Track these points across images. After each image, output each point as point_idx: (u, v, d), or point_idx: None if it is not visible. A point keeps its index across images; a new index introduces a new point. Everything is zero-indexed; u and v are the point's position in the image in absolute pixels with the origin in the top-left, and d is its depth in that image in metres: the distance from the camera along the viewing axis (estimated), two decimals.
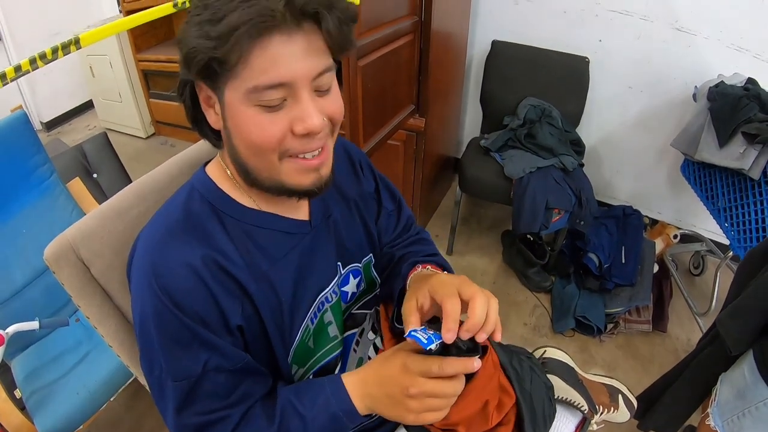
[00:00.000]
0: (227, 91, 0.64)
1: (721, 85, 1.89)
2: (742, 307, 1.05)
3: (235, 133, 0.68)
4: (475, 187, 2.28)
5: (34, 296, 1.64)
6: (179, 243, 0.69)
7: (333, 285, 0.86)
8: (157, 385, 0.70)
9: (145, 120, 3.76)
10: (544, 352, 1.19)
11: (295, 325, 0.79)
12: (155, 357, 0.68)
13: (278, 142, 0.66)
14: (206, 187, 0.76)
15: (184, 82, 0.71)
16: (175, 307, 0.66)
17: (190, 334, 0.67)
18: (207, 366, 0.68)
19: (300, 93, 0.64)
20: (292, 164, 0.69)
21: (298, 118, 0.65)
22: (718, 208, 1.88)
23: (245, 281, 0.72)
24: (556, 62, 2.35)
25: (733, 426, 1.09)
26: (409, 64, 1.96)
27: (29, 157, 1.72)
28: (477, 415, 0.88)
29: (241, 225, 0.75)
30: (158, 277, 0.66)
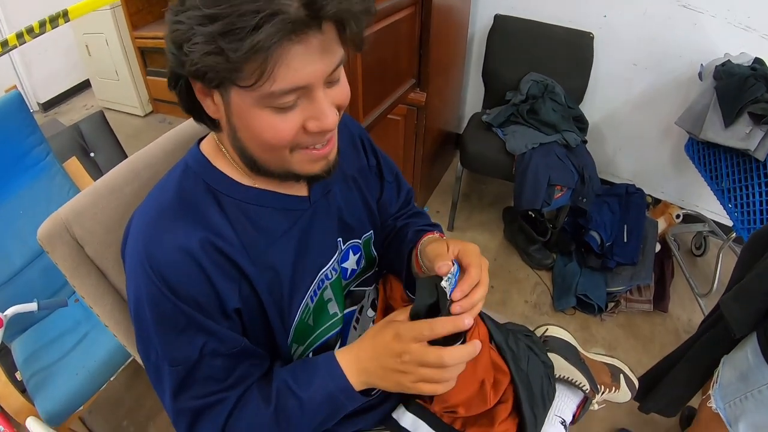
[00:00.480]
0: (235, 93, 0.61)
1: (728, 65, 1.86)
2: (746, 289, 1.04)
3: (243, 131, 0.66)
4: (477, 163, 2.26)
5: (33, 278, 1.64)
6: (173, 225, 0.67)
7: (333, 262, 0.85)
8: (153, 369, 0.69)
9: (143, 98, 3.73)
10: (546, 330, 1.18)
11: (295, 303, 0.78)
12: (151, 342, 0.68)
13: (290, 140, 0.64)
14: (201, 165, 0.74)
15: (176, 75, 0.66)
16: (170, 292, 0.64)
17: (185, 319, 0.66)
18: (203, 351, 0.67)
19: (315, 92, 0.62)
20: (303, 155, 0.68)
21: (312, 117, 0.64)
22: (722, 189, 1.86)
23: (242, 262, 0.70)
24: (559, 37, 2.31)
25: (735, 409, 1.08)
26: (410, 38, 1.92)
27: (24, 138, 1.70)
28: (475, 396, 0.88)
29: (237, 203, 0.73)
30: (152, 261, 0.65)
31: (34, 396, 1.38)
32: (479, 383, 0.88)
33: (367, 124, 1.66)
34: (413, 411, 0.90)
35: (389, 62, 1.80)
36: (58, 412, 1.35)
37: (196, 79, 0.61)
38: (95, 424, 1.75)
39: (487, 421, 0.90)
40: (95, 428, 1.74)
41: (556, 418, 1.03)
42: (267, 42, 0.53)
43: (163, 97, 3.69)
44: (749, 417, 1.05)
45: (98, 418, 1.78)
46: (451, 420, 0.91)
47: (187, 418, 0.70)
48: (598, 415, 1.71)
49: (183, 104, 0.70)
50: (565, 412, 1.05)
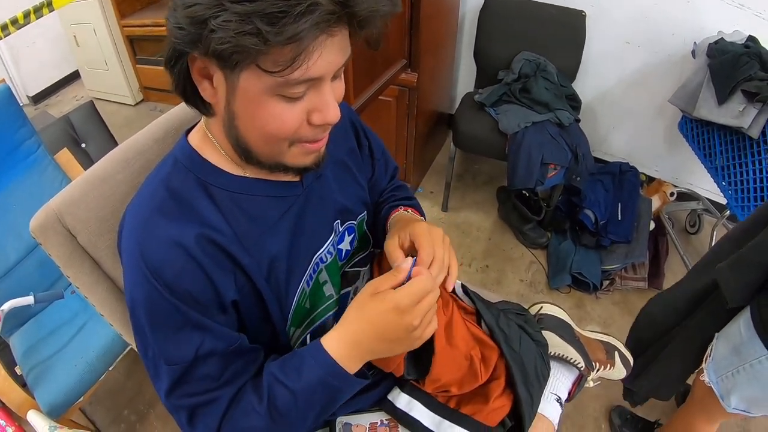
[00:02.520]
0: (245, 77, 0.59)
1: (721, 42, 1.85)
2: (743, 260, 1.04)
3: (244, 119, 0.65)
4: (470, 143, 2.26)
5: (28, 271, 1.64)
6: (166, 222, 0.67)
7: (328, 244, 0.85)
8: (152, 365, 0.69)
9: (133, 87, 3.69)
10: (541, 308, 1.19)
11: (291, 288, 0.79)
12: (147, 340, 0.68)
13: (293, 132, 0.64)
14: (190, 159, 0.73)
15: (178, 53, 0.62)
16: (166, 290, 0.64)
17: (181, 318, 0.66)
18: (199, 351, 0.67)
19: (323, 85, 0.63)
20: (299, 149, 0.69)
21: (317, 109, 0.64)
22: (716, 167, 1.87)
23: (237, 253, 0.70)
24: (551, 16, 2.29)
25: (727, 382, 1.10)
26: (400, 18, 1.90)
27: (14, 131, 1.69)
28: (466, 373, 0.89)
29: (229, 194, 0.73)
30: (147, 259, 0.64)
31: (34, 389, 1.39)
32: (467, 360, 0.89)
33: (358, 106, 1.65)
34: (408, 392, 0.92)
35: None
36: (59, 404, 1.36)
37: (215, 57, 0.57)
38: (96, 415, 1.76)
39: (482, 399, 0.91)
40: (96, 418, 1.75)
41: (551, 395, 1.05)
42: (309, 31, 0.53)
43: (154, 85, 3.65)
44: (741, 390, 1.07)
45: (99, 408, 1.79)
46: (445, 399, 0.92)
47: (185, 415, 0.70)
48: (594, 393, 1.73)
49: (177, 85, 0.67)
50: (560, 389, 1.07)
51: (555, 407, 1.03)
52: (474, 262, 2.30)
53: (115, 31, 3.41)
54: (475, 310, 1.01)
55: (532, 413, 0.94)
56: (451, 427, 0.89)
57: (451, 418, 0.90)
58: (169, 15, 0.60)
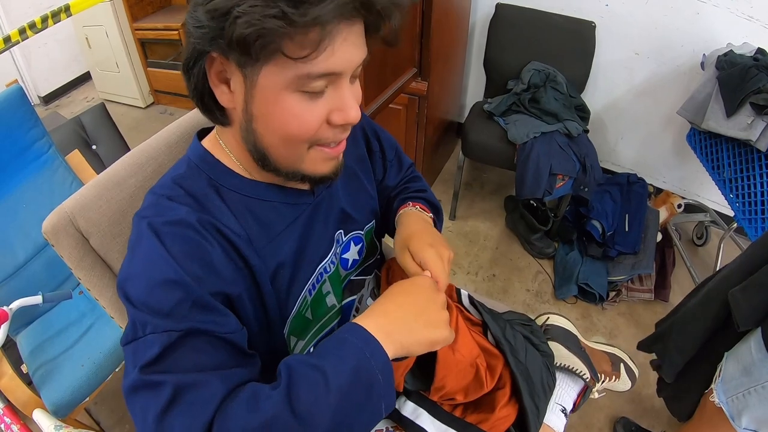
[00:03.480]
0: (266, 72, 0.59)
1: (731, 54, 1.85)
2: (756, 283, 1.03)
3: (263, 120, 0.64)
4: (478, 152, 2.26)
5: (37, 271, 1.64)
6: (178, 205, 0.66)
7: (331, 255, 0.85)
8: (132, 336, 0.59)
9: (144, 89, 3.72)
10: (548, 318, 1.18)
11: (293, 296, 0.78)
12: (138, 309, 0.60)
13: (313, 132, 0.64)
14: (202, 159, 0.73)
15: (197, 53, 0.61)
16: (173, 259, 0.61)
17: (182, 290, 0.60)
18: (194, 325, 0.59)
19: (342, 82, 0.63)
20: (318, 153, 0.68)
21: (337, 109, 0.63)
22: (724, 179, 1.86)
23: (248, 254, 0.69)
24: (561, 26, 2.30)
25: (738, 403, 1.08)
26: (411, 27, 1.91)
27: (26, 132, 1.70)
28: (471, 382, 0.89)
29: (240, 197, 0.73)
30: (157, 232, 0.62)
31: (40, 388, 1.39)
32: (473, 367, 0.89)
33: (368, 114, 1.66)
34: (414, 400, 0.91)
35: (390, 51, 1.79)
36: (64, 404, 1.36)
37: (237, 49, 0.56)
38: (101, 415, 1.76)
39: (488, 408, 0.91)
40: (101, 419, 1.75)
41: (556, 406, 1.04)
42: (330, 16, 0.54)
43: (164, 89, 3.68)
44: (752, 411, 1.05)
45: (104, 408, 1.79)
46: (451, 408, 0.92)
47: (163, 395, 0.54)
48: (599, 404, 1.72)
49: (194, 91, 0.66)
50: (565, 400, 1.06)
51: (560, 418, 1.03)
52: (481, 271, 2.29)
53: (127, 33, 3.44)
54: (482, 321, 1.01)
55: (538, 424, 0.93)
56: None
57: (458, 427, 0.89)
58: (188, 16, 0.60)
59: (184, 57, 0.64)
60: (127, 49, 3.48)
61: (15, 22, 3.40)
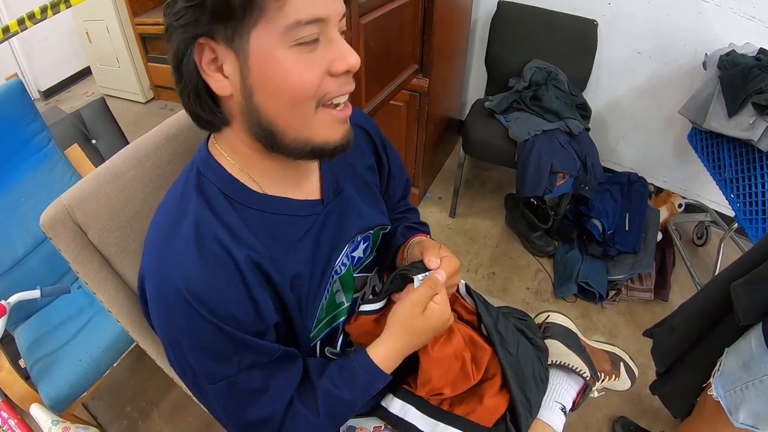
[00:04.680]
0: (256, 36, 0.58)
1: (733, 54, 1.84)
2: (758, 277, 1.03)
3: (263, 88, 0.62)
4: (479, 149, 2.26)
5: (35, 265, 1.64)
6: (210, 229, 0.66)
7: (342, 256, 0.84)
8: (194, 385, 0.70)
9: (144, 84, 3.71)
10: (548, 316, 1.18)
11: (315, 305, 0.79)
12: (186, 363, 0.67)
13: (317, 86, 0.62)
14: (214, 171, 0.71)
15: (185, 43, 0.61)
16: (210, 313, 0.62)
17: (225, 339, 0.64)
18: (241, 365, 0.67)
19: (332, 32, 0.63)
20: (327, 116, 0.66)
21: (336, 58, 0.63)
22: (725, 179, 1.86)
23: (271, 270, 0.69)
24: (563, 24, 2.29)
25: (735, 397, 1.08)
26: (413, 23, 1.90)
27: (26, 125, 1.70)
28: (458, 375, 0.89)
29: (253, 212, 0.71)
30: (184, 273, 0.62)
31: (38, 383, 1.38)
32: (458, 360, 0.89)
33: (369, 110, 1.65)
34: (401, 397, 0.91)
35: (392, 48, 1.78)
36: (62, 399, 1.36)
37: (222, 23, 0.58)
38: (99, 410, 1.76)
39: (476, 398, 0.91)
40: (99, 414, 1.75)
41: (556, 404, 1.04)
42: None
43: (165, 84, 3.67)
44: (750, 405, 1.05)
45: (101, 404, 1.79)
46: (438, 402, 0.91)
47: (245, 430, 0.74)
48: (598, 403, 1.72)
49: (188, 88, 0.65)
50: (565, 398, 1.06)
51: (559, 416, 1.03)
52: (480, 269, 2.29)
53: (128, 28, 3.43)
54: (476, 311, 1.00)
55: (529, 416, 0.93)
56: (446, 429, 0.88)
57: (445, 420, 0.89)
58: (167, 17, 0.61)
59: (171, 56, 0.64)
60: (127, 43, 3.47)
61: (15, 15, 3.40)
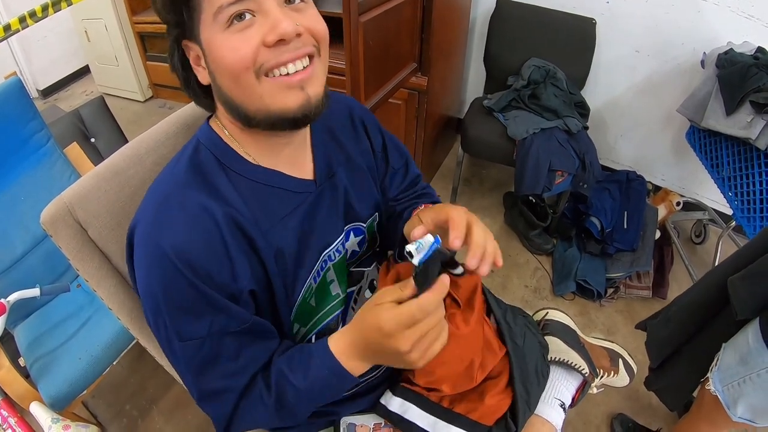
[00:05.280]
0: (202, 29, 0.65)
1: (731, 53, 1.85)
2: (755, 272, 1.04)
3: (216, 70, 0.67)
4: (478, 148, 2.26)
5: (35, 264, 1.64)
6: (194, 192, 0.69)
7: (337, 243, 0.85)
8: (165, 341, 0.70)
9: (143, 83, 3.71)
10: (547, 313, 1.19)
11: (299, 282, 0.79)
12: (161, 318, 0.68)
13: (251, 58, 0.64)
14: (211, 141, 0.75)
15: (172, 44, 0.71)
16: (186, 268, 0.64)
17: (198, 297, 0.66)
18: (212, 328, 0.68)
19: (266, 5, 0.64)
20: (272, 83, 0.66)
21: (268, 29, 0.64)
22: (723, 177, 1.87)
23: (255, 236, 0.71)
24: (562, 23, 2.30)
25: (733, 391, 1.09)
26: (412, 21, 1.91)
27: (25, 124, 1.70)
28: (461, 375, 0.88)
29: (246, 181, 0.74)
30: (168, 238, 0.65)
31: (38, 381, 1.38)
32: (468, 362, 0.88)
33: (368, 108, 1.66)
34: (400, 394, 0.91)
35: (391, 46, 1.78)
36: (62, 397, 1.36)
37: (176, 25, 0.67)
38: (98, 408, 1.76)
39: (477, 396, 0.90)
40: (98, 412, 1.75)
41: (555, 400, 1.04)
42: None
43: (163, 82, 3.67)
44: (747, 399, 1.06)
45: (101, 402, 1.79)
46: (438, 398, 0.91)
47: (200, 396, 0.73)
48: (596, 400, 1.72)
49: (180, 77, 0.75)
50: (564, 394, 1.06)
51: (559, 413, 1.03)
52: None
53: (126, 27, 3.43)
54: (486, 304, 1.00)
55: (527, 410, 0.93)
56: (446, 427, 0.88)
57: (445, 418, 0.89)
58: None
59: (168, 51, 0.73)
60: (126, 42, 3.47)
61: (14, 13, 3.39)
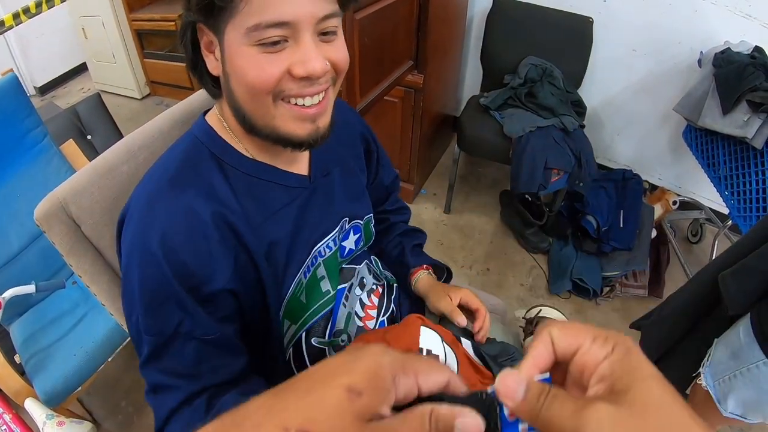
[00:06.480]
0: (228, 31, 0.63)
1: (728, 52, 1.86)
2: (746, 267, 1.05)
3: (233, 76, 0.66)
4: (474, 146, 2.27)
5: (31, 260, 1.64)
6: (181, 190, 0.69)
7: (328, 239, 0.86)
8: (134, 329, 0.70)
9: (140, 80, 3.71)
10: (540, 311, 1.19)
11: (289, 276, 0.79)
12: (134, 305, 0.69)
13: (274, 83, 0.64)
14: (207, 135, 0.76)
15: (186, 24, 0.69)
16: (167, 264, 0.65)
17: (169, 291, 0.66)
18: (179, 329, 0.68)
19: (302, 35, 0.62)
20: (287, 110, 0.67)
21: (298, 61, 0.63)
22: (719, 176, 1.87)
23: (243, 231, 0.71)
24: (559, 21, 2.30)
25: (724, 386, 1.10)
26: (408, 19, 1.90)
27: (21, 121, 1.69)
28: None
29: (240, 174, 0.75)
30: (153, 228, 0.66)
31: (33, 377, 1.39)
32: None
33: (363, 106, 1.65)
34: None
35: (387, 43, 1.78)
36: (57, 393, 1.36)
37: (189, 6, 0.63)
38: (93, 405, 1.76)
39: None
40: (94, 409, 1.75)
41: None
42: None
43: (161, 80, 3.67)
44: (738, 393, 1.07)
45: (96, 399, 1.79)
46: None
47: (149, 387, 0.71)
48: None
49: (188, 59, 0.73)
50: None
51: None
52: (475, 265, 2.30)
53: (124, 24, 3.42)
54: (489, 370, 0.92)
55: None
56: None
57: None
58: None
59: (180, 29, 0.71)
60: (123, 39, 3.46)
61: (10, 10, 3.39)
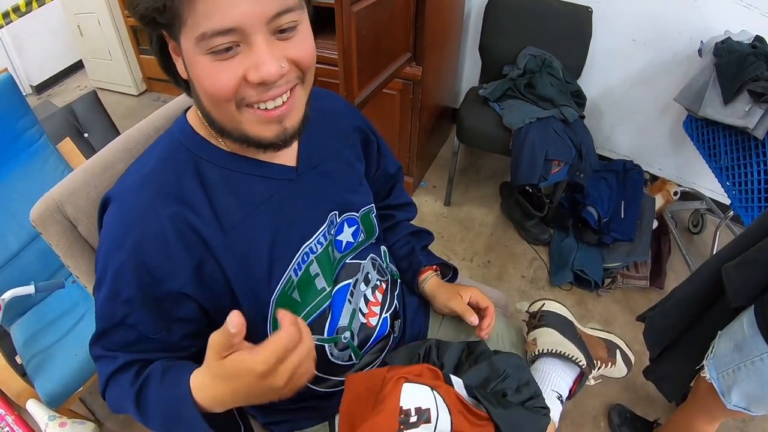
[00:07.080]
0: (182, 41, 0.61)
1: (728, 42, 1.84)
2: (749, 259, 1.04)
3: (195, 84, 0.66)
4: (474, 137, 2.26)
5: (29, 261, 1.63)
6: (148, 192, 0.70)
7: (318, 235, 0.83)
8: (96, 308, 0.75)
9: (137, 77, 3.69)
10: (543, 304, 1.18)
11: (275, 275, 0.77)
12: (98, 290, 0.73)
13: (232, 92, 0.62)
14: (185, 133, 0.75)
15: (150, 32, 0.67)
16: (127, 256, 0.67)
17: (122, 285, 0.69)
18: (125, 320, 0.71)
19: (253, 38, 0.59)
20: (252, 115, 0.66)
21: (251, 66, 0.60)
22: (720, 167, 1.86)
23: (211, 236, 0.71)
24: (557, 11, 2.28)
25: (727, 379, 1.09)
26: (406, 10, 1.88)
27: (16, 120, 1.68)
28: None
29: (219, 170, 0.74)
30: (122, 221, 0.69)
31: (34, 378, 1.38)
32: None
33: (362, 99, 1.64)
34: None
35: (384, 36, 1.76)
36: (58, 394, 1.36)
37: (151, 29, 0.63)
38: (96, 405, 1.76)
39: None
40: (96, 408, 1.75)
41: (552, 393, 1.04)
42: None
43: (157, 76, 3.65)
44: (741, 386, 1.06)
45: (99, 398, 1.77)
46: None
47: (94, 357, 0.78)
48: (593, 391, 1.73)
49: (160, 64, 0.72)
50: (561, 387, 1.06)
51: (556, 405, 1.03)
52: (476, 257, 2.29)
53: (119, 21, 3.40)
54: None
55: None
56: None
57: None
58: None
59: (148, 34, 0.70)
60: (119, 36, 3.44)
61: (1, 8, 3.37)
